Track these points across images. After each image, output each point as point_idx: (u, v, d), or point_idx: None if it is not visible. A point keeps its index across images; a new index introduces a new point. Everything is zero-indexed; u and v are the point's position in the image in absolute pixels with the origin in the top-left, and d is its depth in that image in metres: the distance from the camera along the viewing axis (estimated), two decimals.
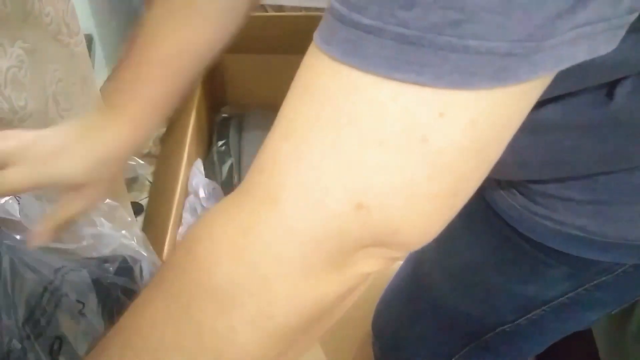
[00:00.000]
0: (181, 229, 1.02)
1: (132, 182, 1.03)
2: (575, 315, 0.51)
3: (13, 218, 0.49)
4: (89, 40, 1.17)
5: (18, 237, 0.49)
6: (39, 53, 0.62)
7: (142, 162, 0.57)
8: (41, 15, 0.62)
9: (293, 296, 0.26)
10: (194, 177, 1.11)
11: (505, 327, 0.53)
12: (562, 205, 0.42)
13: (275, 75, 1.38)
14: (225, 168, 1.25)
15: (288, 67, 1.32)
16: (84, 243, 0.54)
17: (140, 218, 1.20)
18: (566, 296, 0.48)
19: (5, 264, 0.45)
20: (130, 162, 0.57)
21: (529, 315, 0.51)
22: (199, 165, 1.15)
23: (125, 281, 0.57)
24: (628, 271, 0.44)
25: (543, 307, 0.50)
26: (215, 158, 1.27)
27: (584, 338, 0.76)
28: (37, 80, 0.62)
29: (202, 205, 1.07)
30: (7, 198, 0.49)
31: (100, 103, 0.78)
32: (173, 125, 1.37)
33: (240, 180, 1.25)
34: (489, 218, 0.49)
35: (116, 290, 0.56)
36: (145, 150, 1.40)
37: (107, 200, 0.57)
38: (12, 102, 0.58)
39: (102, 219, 0.56)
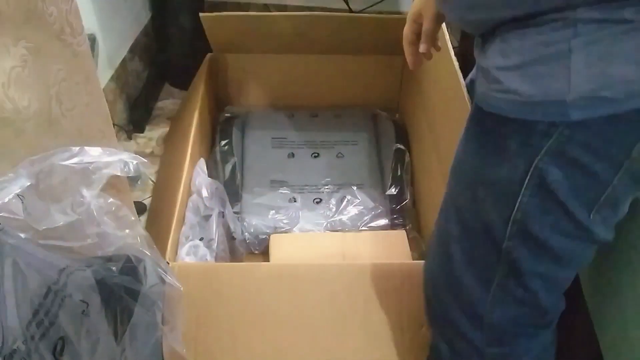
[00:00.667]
0: (184, 228, 1.02)
1: (134, 182, 1.04)
2: (553, 199, 0.55)
3: (17, 217, 0.49)
4: (92, 40, 1.17)
5: (22, 235, 0.49)
6: (42, 53, 0.62)
7: (145, 160, 0.57)
8: (44, 15, 0.62)
9: None
10: (197, 176, 1.11)
11: (510, 225, 0.58)
12: (503, 75, 0.53)
13: (279, 74, 1.39)
14: (228, 167, 1.25)
15: (292, 66, 1.33)
16: (89, 241, 0.54)
17: (143, 217, 1.21)
18: (531, 173, 0.54)
19: (9, 264, 0.44)
20: (133, 161, 0.57)
21: (517, 204, 0.56)
22: (202, 164, 1.15)
23: (129, 281, 0.57)
24: (565, 134, 0.51)
25: (522, 192, 0.55)
26: (219, 157, 1.27)
27: (585, 336, 0.76)
28: (40, 79, 0.63)
29: (205, 205, 1.07)
30: (10, 197, 0.49)
31: (103, 102, 0.78)
32: (176, 124, 1.38)
33: (242, 179, 1.25)
34: (475, 116, 0.60)
35: (120, 290, 0.56)
36: (149, 150, 1.40)
37: (110, 199, 0.57)
38: (15, 101, 0.58)
39: (105, 218, 0.56)
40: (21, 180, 0.51)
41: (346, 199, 1.21)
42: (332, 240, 1.14)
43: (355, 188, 1.23)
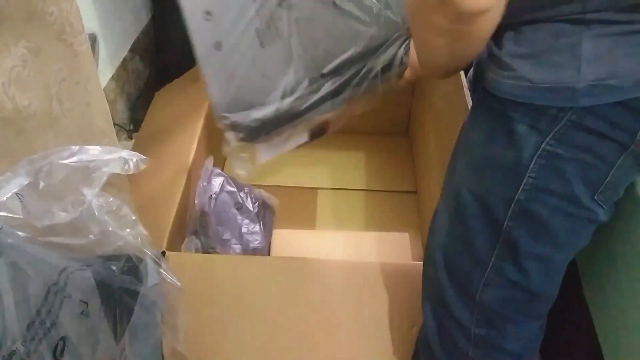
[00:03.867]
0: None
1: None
2: (558, 181, 0.58)
3: (15, 216, 0.49)
4: (93, 39, 1.17)
5: (22, 235, 0.49)
6: (43, 52, 0.62)
7: (145, 157, 0.57)
8: (45, 15, 0.62)
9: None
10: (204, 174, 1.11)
11: (512, 206, 0.60)
12: (516, 62, 0.56)
13: None
14: None
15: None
16: (90, 239, 0.54)
17: None
18: (538, 155, 0.57)
19: (8, 263, 0.44)
20: (133, 159, 0.57)
21: (522, 186, 0.59)
22: (209, 162, 1.15)
23: (129, 281, 0.57)
24: (572, 119, 0.54)
25: (528, 174, 0.58)
26: None
27: (586, 335, 0.76)
28: (40, 79, 0.63)
29: (214, 199, 1.07)
30: (8, 196, 0.49)
31: (104, 102, 0.78)
32: (179, 124, 1.37)
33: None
34: (483, 101, 0.62)
35: (120, 290, 0.56)
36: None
37: (111, 198, 0.57)
38: (15, 101, 0.58)
39: (106, 217, 0.56)
40: (19, 179, 0.51)
41: None
42: (334, 238, 1.14)
43: None
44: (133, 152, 0.58)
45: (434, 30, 0.56)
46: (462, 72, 0.95)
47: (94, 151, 0.56)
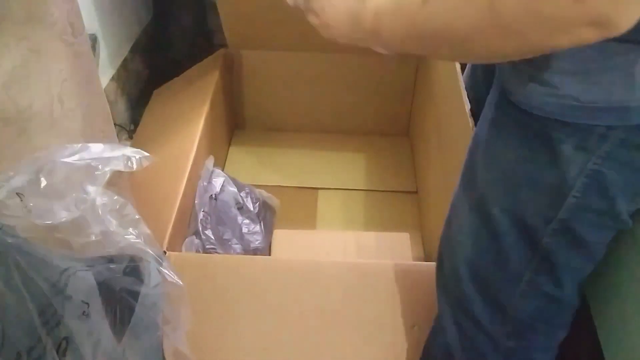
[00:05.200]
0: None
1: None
2: (601, 198, 0.56)
3: (16, 215, 0.49)
4: (93, 40, 1.17)
5: (23, 234, 0.48)
6: (44, 53, 0.62)
7: (147, 154, 0.57)
8: (46, 16, 0.62)
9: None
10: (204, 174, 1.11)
11: (552, 224, 0.59)
12: (559, 80, 0.53)
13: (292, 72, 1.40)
14: None
15: (302, 64, 1.30)
16: (92, 238, 0.54)
17: None
18: (584, 175, 0.55)
19: (13, 265, 0.44)
20: (136, 156, 0.57)
21: (565, 205, 0.57)
22: (210, 162, 1.15)
23: (131, 282, 0.57)
24: (622, 137, 0.52)
25: (572, 194, 0.56)
26: None
27: (586, 336, 0.76)
28: (41, 80, 0.63)
29: (214, 199, 1.07)
30: (8, 194, 0.49)
31: (105, 102, 0.78)
32: (179, 123, 1.38)
33: None
34: (514, 116, 0.58)
35: (121, 290, 0.56)
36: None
37: (115, 196, 0.57)
38: (17, 101, 0.58)
39: (109, 216, 0.56)
40: (20, 178, 0.50)
41: None
42: (334, 238, 1.14)
43: None
44: (136, 149, 0.58)
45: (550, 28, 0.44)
46: (459, 72, 0.95)
47: (96, 149, 0.56)
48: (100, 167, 0.55)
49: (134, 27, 1.47)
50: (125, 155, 0.56)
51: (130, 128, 1.43)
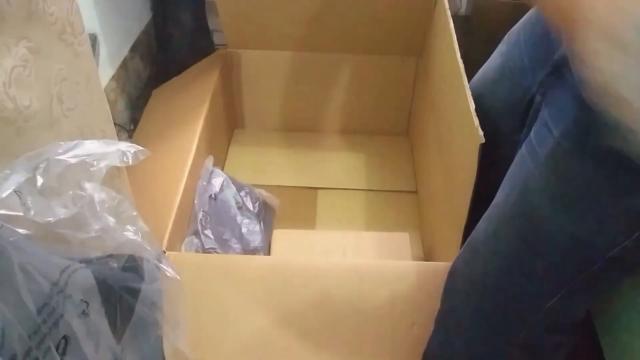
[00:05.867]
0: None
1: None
2: None
3: (15, 213, 0.49)
4: (93, 39, 1.17)
5: (22, 232, 0.48)
6: (44, 52, 0.62)
7: (143, 148, 0.57)
8: (45, 15, 0.62)
9: None
10: (205, 173, 1.11)
11: (614, 252, 0.57)
12: None
13: (292, 72, 1.40)
14: None
15: (302, 64, 1.31)
16: (91, 235, 0.54)
17: None
18: None
19: (13, 263, 0.44)
20: (131, 150, 0.57)
21: (637, 234, 0.55)
22: (209, 162, 1.15)
23: (130, 279, 0.57)
24: None
25: None
26: None
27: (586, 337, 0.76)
28: (41, 79, 0.63)
29: (214, 200, 1.07)
30: (7, 192, 0.49)
31: (104, 102, 0.78)
32: (179, 123, 1.38)
33: None
34: (603, 152, 0.54)
35: (121, 289, 0.56)
36: None
37: (113, 193, 0.57)
38: (16, 101, 0.58)
39: (106, 213, 0.56)
40: (17, 176, 0.50)
41: None
42: (334, 238, 1.14)
43: None
44: (131, 144, 0.58)
45: None
46: (462, 72, 0.95)
47: (91, 145, 0.55)
48: (95, 163, 0.54)
49: (134, 27, 1.47)
50: (121, 150, 0.56)
51: (130, 128, 1.43)
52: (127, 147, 0.57)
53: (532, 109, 0.74)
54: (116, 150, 0.56)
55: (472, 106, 0.85)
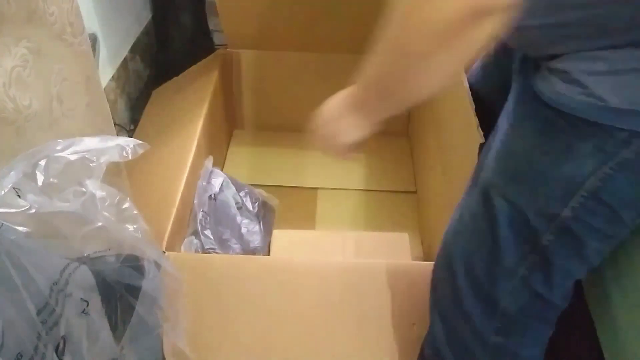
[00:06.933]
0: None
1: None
2: (610, 205, 0.56)
3: (15, 211, 0.49)
4: (93, 39, 1.17)
5: (23, 231, 0.48)
6: (44, 52, 0.62)
7: (141, 142, 0.57)
8: (45, 15, 0.62)
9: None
10: (205, 172, 1.11)
11: (556, 222, 0.59)
12: (589, 80, 0.53)
13: (292, 72, 1.40)
14: None
15: (302, 64, 1.31)
16: (91, 234, 0.54)
17: None
18: (596, 176, 0.55)
19: (12, 262, 0.44)
20: (130, 144, 0.57)
21: (571, 202, 0.57)
22: (209, 162, 1.15)
23: (130, 278, 0.57)
24: None
25: (581, 192, 0.56)
26: None
27: (587, 334, 0.76)
28: (41, 79, 0.63)
29: (214, 200, 1.07)
30: (6, 190, 0.49)
31: (104, 102, 0.78)
32: (179, 123, 1.38)
33: None
34: (536, 109, 0.59)
35: (121, 288, 0.56)
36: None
37: (113, 190, 0.57)
38: (16, 101, 0.58)
39: (106, 212, 0.56)
40: (16, 174, 0.50)
41: None
42: (334, 238, 1.14)
43: None
44: (129, 139, 0.58)
45: (428, 31, 0.48)
46: (462, 72, 0.95)
47: (89, 141, 0.55)
48: (95, 159, 0.54)
49: (134, 27, 1.47)
50: (120, 145, 0.56)
51: (130, 128, 1.43)
52: (126, 142, 0.57)
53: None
54: (115, 145, 0.56)
55: (472, 106, 0.85)
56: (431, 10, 0.47)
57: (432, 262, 0.77)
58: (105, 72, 1.28)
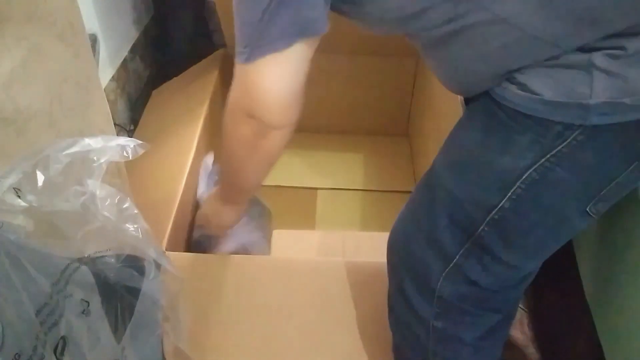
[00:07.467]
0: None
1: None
2: (549, 197, 0.57)
3: (15, 211, 0.49)
4: (93, 40, 1.17)
5: (22, 230, 0.48)
6: (44, 53, 0.62)
7: (142, 142, 0.57)
8: (46, 16, 0.62)
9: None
10: (203, 171, 1.11)
11: (493, 213, 0.59)
12: (526, 77, 0.55)
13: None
14: None
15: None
16: (91, 234, 0.54)
17: None
18: (534, 169, 0.56)
19: (12, 262, 0.44)
20: (131, 144, 0.57)
21: (509, 194, 0.58)
22: (209, 159, 1.15)
23: (130, 278, 0.57)
24: (579, 140, 0.53)
25: (519, 184, 0.57)
26: None
27: (587, 334, 0.76)
28: (41, 80, 0.63)
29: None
30: (7, 190, 0.49)
31: (104, 102, 0.78)
32: (179, 123, 1.38)
33: None
34: (484, 103, 0.61)
35: (121, 288, 0.56)
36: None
37: (114, 190, 0.57)
38: (16, 101, 0.58)
39: (106, 212, 0.56)
40: (16, 174, 0.50)
41: None
42: (334, 238, 1.14)
43: None
44: (130, 138, 0.58)
45: (240, 141, 0.69)
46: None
47: (90, 141, 0.55)
48: (95, 158, 0.54)
49: (134, 27, 1.47)
50: (120, 145, 0.56)
51: (130, 128, 1.43)
52: (127, 142, 0.57)
53: None
54: (115, 145, 0.56)
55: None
56: (234, 131, 0.70)
57: None
58: (105, 72, 1.28)
